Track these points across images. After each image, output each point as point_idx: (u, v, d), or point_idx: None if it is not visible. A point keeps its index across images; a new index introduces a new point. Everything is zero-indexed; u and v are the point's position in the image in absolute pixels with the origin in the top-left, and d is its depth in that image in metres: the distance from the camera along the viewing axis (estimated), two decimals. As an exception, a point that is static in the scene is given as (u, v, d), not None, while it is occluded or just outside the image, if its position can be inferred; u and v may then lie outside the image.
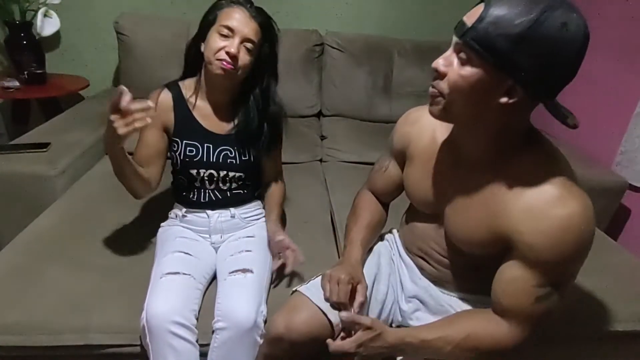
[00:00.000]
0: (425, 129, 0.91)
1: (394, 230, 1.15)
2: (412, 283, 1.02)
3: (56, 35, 2.11)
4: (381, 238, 1.16)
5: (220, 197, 1.19)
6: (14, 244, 1.19)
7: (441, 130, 0.88)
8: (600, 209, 1.69)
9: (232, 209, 1.21)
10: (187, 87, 1.14)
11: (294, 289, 0.99)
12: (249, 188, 1.23)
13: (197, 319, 1.00)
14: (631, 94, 1.77)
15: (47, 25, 1.98)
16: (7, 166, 1.43)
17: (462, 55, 0.66)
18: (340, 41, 2.10)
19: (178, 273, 1.02)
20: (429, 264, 0.97)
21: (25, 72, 1.97)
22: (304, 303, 0.92)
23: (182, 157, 1.13)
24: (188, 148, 1.13)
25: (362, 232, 1.03)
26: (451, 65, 0.68)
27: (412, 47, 2.13)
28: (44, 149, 1.52)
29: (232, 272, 1.06)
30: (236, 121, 1.15)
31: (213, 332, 0.99)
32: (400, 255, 1.07)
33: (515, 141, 0.75)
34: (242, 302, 0.98)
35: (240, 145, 1.15)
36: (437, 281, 0.97)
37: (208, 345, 1.00)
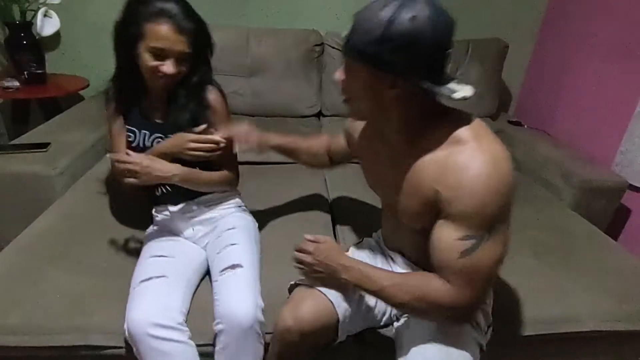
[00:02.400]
0: (359, 125, 1.04)
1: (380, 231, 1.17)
2: (407, 266, 1.03)
3: (56, 35, 2.11)
4: (370, 236, 1.20)
5: (170, 189, 1.16)
6: (14, 244, 1.19)
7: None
8: (600, 209, 1.69)
9: (190, 202, 1.19)
10: None
11: (292, 282, 1.01)
12: None
13: (186, 317, 1.01)
14: (631, 94, 1.77)
15: (47, 25, 1.98)
16: (7, 166, 1.43)
17: (347, 64, 0.79)
18: (340, 41, 2.09)
19: (150, 279, 1.02)
20: (405, 256, 1.03)
21: (25, 72, 1.97)
22: (309, 293, 0.95)
23: (127, 145, 1.14)
24: (128, 133, 1.13)
25: (292, 138, 1.24)
26: (343, 74, 0.81)
27: (412, 47, 2.13)
28: (44, 149, 1.53)
29: (222, 270, 1.06)
30: (171, 109, 1.11)
31: (215, 334, 0.99)
32: (388, 252, 1.10)
33: (425, 119, 0.82)
34: (239, 300, 0.98)
35: (173, 132, 1.10)
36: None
37: (208, 345, 1.00)
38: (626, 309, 1.18)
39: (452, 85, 0.75)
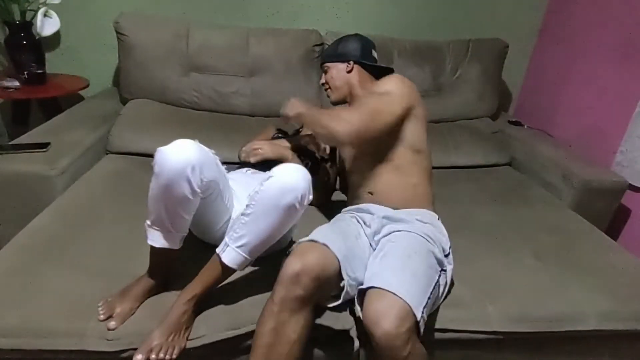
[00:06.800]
0: None
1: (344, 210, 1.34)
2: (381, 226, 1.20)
3: (56, 35, 2.11)
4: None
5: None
6: (12, 244, 1.18)
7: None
8: (600, 209, 1.69)
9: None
10: None
11: (299, 241, 1.08)
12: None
13: None
14: (631, 94, 1.77)
15: (47, 25, 1.98)
16: (7, 166, 1.43)
17: (325, 68, 1.45)
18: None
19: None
20: (373, 193, 1.29)
21: (25, 72, 1.97)
22: (311, 245, 1.05)
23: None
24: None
25: None
26: (324, 78, 1.45)
27: (412, 47, 2.13)
28: (44, 149, 1.53)
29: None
30: None
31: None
32: (363, 221, 1.25)
33: (372, 80, 1.40)
34: (291, 175, 1.01)
35: None
36: (381, 201, 1.26)
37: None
38: (626, 309, 1.18)
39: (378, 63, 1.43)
